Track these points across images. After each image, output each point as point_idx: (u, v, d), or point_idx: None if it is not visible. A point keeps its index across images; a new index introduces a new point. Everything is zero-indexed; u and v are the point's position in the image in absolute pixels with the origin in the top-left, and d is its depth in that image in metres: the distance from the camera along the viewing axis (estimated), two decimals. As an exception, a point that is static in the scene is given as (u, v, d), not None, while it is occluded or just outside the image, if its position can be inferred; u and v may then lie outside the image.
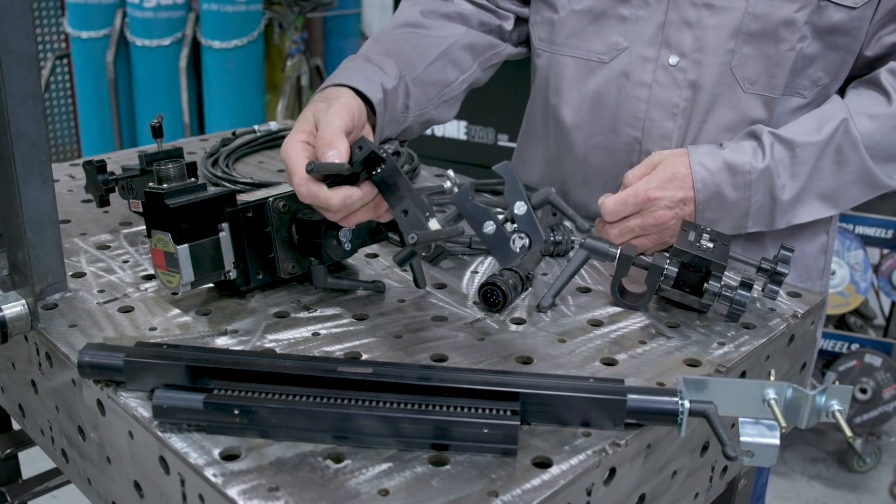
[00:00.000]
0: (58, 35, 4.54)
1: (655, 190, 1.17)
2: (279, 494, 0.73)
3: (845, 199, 1.26)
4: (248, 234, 1.05)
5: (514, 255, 0.90)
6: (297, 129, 1.01)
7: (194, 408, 0.81)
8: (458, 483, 0.76)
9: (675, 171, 1.19)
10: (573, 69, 1.36)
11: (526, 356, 0.97)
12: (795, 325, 1.09)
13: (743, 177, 1.19)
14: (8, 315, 0.96)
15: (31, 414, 1.11)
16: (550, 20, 1.37)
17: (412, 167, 1.60)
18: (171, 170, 1.02)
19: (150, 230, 1.01)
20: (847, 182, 1.24)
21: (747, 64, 1.24)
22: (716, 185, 1.19)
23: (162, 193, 0.99)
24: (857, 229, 2.95)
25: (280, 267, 1.08)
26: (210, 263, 1.02)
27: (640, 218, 1.17)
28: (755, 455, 0.78)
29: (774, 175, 1.20)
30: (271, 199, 1.07)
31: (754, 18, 1.21)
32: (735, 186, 1.19)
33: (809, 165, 1.21)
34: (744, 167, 1.19)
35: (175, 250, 0.98)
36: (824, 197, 1.25)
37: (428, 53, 1.30)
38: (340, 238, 1.08)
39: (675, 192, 1.18)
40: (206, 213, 1.01)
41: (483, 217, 0.90)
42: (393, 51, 1.26)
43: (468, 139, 3.49)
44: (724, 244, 1.10)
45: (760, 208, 1.22)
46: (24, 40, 0.89)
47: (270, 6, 4.32)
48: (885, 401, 2.88)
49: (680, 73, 1.27)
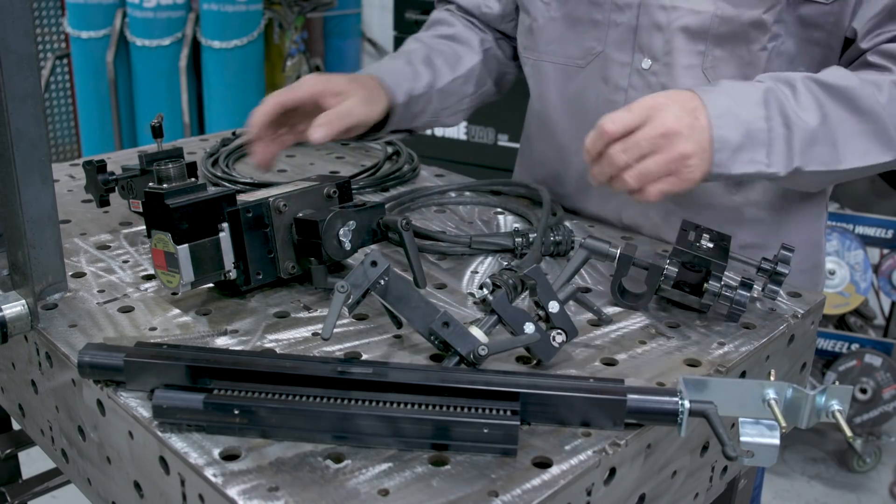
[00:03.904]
0: (58, 35, 4.54)
1: (662, 97, 1.08)
2: (279, 494, 0.73)
3: (855, 150, 1.14)
4: (248, 233, 1.05)
5: (554, 350, 0.95)
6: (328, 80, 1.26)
7: (194, 408, 0.81)
8: (458, 483, 0.76)
9: (678, 91, 1.10)
10: (553, 74, 1.39)
11: (526, 356, 0.97)
12: (795, 325, 1.09)
13: (750, 95, 1.10)
14: (8, 315, 0.96)
15: (31, 414, 1.11)
16: (531, 28, 1.40)
17: (412, 167, 1.60)
18: (171, 170, 1.01)
19: (150, 230, 1.01)
20: (859, 132, 1.13)
21: (719, 66, 1.23)
22: (724, 100, 1.09)
23: (162, 193, 0.99)
24: (857, 229, 2.95)
25: (280, 267, 1.08)
26: (210, 263, 1.02)
27: (647, 128, 1.04)
28: (755, 455, 0.78)
29: (784, 99, 1.11)
30: (271, 198, 1.07)
31: (722, 21, 1.20)
32: (746, 103, 1.09)
33: (814, 99, 1.12)
34: (748, 87, 1.12)
35: (175, 250, 0.98)
36: (834, 143, 1.13)
37: (457, 68, 1.46)
38: (340, 238, 1.08)
39: (686, 102, 1.07)
40: (206, 213, 1.01)
41: (523, 319, 0.94)
42: (428, 58, 1.44)
43: (468, 139, 3.49)
44: (724, 244, 1.10)
45: (778, 137, 1.10)
46: (24, 40, 0.89)
47: (270, 6, 4.32)
48: (885, 401, 2.88)
49: (653, 77, 1.27)
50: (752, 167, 1.09)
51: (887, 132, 1.14)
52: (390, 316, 0.98)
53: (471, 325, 0.94)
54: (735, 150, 1.08)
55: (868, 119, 1.13)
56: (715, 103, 1.08)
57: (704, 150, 1.06)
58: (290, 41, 4.41)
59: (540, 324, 0.95)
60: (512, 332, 0.95)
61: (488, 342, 0.92)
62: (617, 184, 1.08)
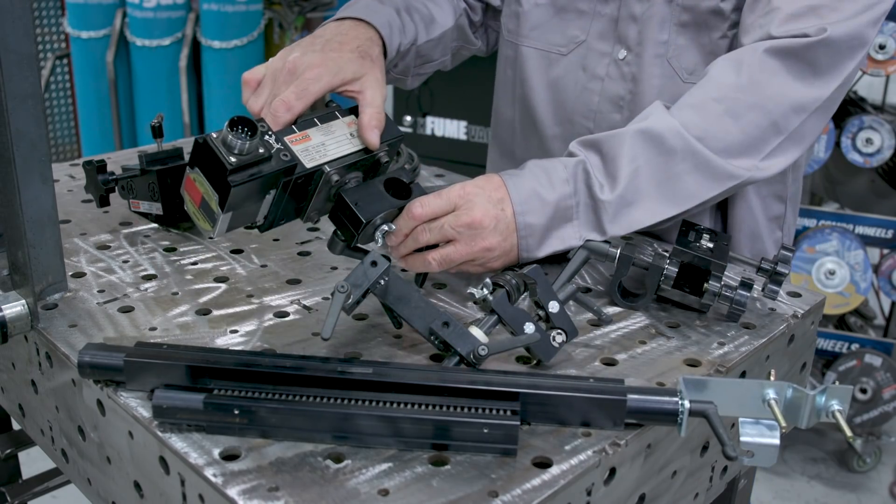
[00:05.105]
0: (58, 35, 4.53)
1: (471, 186, 1.07)
2: (279, 494, 0.73)
3: (686, 193, 1.11)
4: (290, 195, 1.01)
5: (555, 350, 0.95)
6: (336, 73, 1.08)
7: (194, 408, 0.81)
8: (458, 483, 0.76)
9: (487, 178, 1.10)
10: (535, 60, 1.41)
11: (526, 356, 0.97)
12: (795, 325, 1.09)
13: (556, 173, 1.10)
14: (8, 315, 0.96)
15: (31, 414, 1.11)
16: (517, 13, 1.43)
17: (412, 167, 1.60)
18: (245, 144, 0.92)
19: (192, 165, 0.95)
20: (680, 172, 1.10)
21: (683, 54, 1.26)
22: (530, 184, 1.09)
23: (225, 167, 0.91)
24: (857, 229, 2.95)
25: (306, 214, 1.05)
26: (245, 218, 0.99)
27: (453, 217, 1.04)
28: (755, 455, 0.78)
29: (591, 170, 1.10)
30: (327, 168, 1.01)
31: (684, 10, 1.24)
32: (551, 183, 1.09)
33: (625, 158, 1.10)
34: (555, 165, 1.11)
35: (216, 210, 0.94)
36: (660, 194, 1.10)
37: (431, 31, 1.40)
38: (376, 233, 1.04)
39: (492, 192, 1.07)
40: (262, 184, 0.96)
41: (523, 319, 0.94)
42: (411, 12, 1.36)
43: (468, 139, 3.49)
44: (724, 244, 1.10)
45: (585, 209, 1.10)
46: (24, 40, 0.89)
47: (270, 6, 4.32)
48: (885, 401, 2.88)
49: (626, 67, 1.31)
50: (562, 244, 1.10)
51: (710, 167, 1.10)
52: (390, 316, 0.98)
53: (471, 325, 0.94)
54: (543, 232, 1.09)
55: (686, 158, 1.10)
56: (519, 190, 1.08)
57: (507, 241, 1.07)
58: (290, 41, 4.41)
59: (540, 324, 0.95)
60: (512, 332, 0.95)
61: (488, 342, 0.92)
62: (416, 263, 1.07)
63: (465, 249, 1.05)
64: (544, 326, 0.95)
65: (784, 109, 1.11)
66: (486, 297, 0.95)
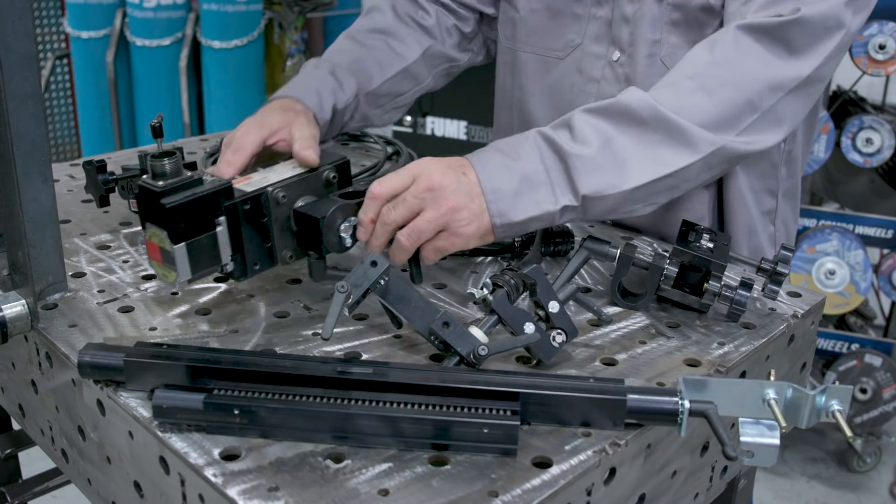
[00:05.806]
0: (58, 35, 4.53)
1: (429, 160, 1.07)
2: (279, 494, 0.73)
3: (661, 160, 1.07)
4: (246, 226, 1.02)
5: (555, 350, 0.95)
6: (263, 125, 1.16)
7: (194, 408, 0.81)
8: (458, 483, 0.76)
9: (450, 158, 1.09)
10: (533, 65, 1.42)
11: (526, 356, 0.97)
12: (795, 325, 1.09)
13: (522, 145, 1.08)
14: (8, 315, 0.96)
15: (31, 414, 1.11)
16: (513, 19, 1.44)
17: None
18: (166, 166, 0.96)
19: (143, 222, 0.97)
20: (654, 141, 1.07)
21: (676, 53, 1.25)
22: (494, 155, 1.07)
23: (157, 192, 0.94)
24: (857, 229, 2.95)
25: (278, 256, 1.05)
26: (207, 259, 0.99)
27: (413, 186, 1.03)
28: (755, 455, 0.78)
29: (559, 139, 1.07)
30: (270, 188, 1.03)
31: (675, 8, 1.24)
32: (517, 152, 1.07)
33: (593, 127, 1.08)
34: (518, 138, 1.10)
35: (171, 249, 0.95)
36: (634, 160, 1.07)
37: (388, 70, 1.43)
38: (341, 234, 1.06)
39: (453, 162, 1.06)
40: (204, 208, 0.98)
41: (523, 319, 0.94)
42: (357, 63, 1.41)
43: (468, 139, 3.49)
44: (724, 244, 1.10)
45: (557, 173, 1.06)
46: (24, 40, 0.89)
47: (270, 6, 4.32)
48: (885, 401, 2.87)
49: (620, 69, 1.31)
50: (538, 209, 1.05)
51: (684, 134, 1.07)
52: (390, 316, 0.98)
53: (471, 325, 0.94)
54: (514, 196, 1.05)
55: (658, 127, 1.07)
56: (484, 161, 1.06)
57: (475, 203, 1.03)
58: (290, 41, 4.41)
59: (540, 324, 0.95)
60: (512, 332, 0.95)
61: (488, 342, 0.92)
62: (395, 251, 1.05)
63: (432, 214, 1.02)
64: (544, 326, 0.95)
65: (759, 87, 1.10)
66: (486, 297, 0.95)
